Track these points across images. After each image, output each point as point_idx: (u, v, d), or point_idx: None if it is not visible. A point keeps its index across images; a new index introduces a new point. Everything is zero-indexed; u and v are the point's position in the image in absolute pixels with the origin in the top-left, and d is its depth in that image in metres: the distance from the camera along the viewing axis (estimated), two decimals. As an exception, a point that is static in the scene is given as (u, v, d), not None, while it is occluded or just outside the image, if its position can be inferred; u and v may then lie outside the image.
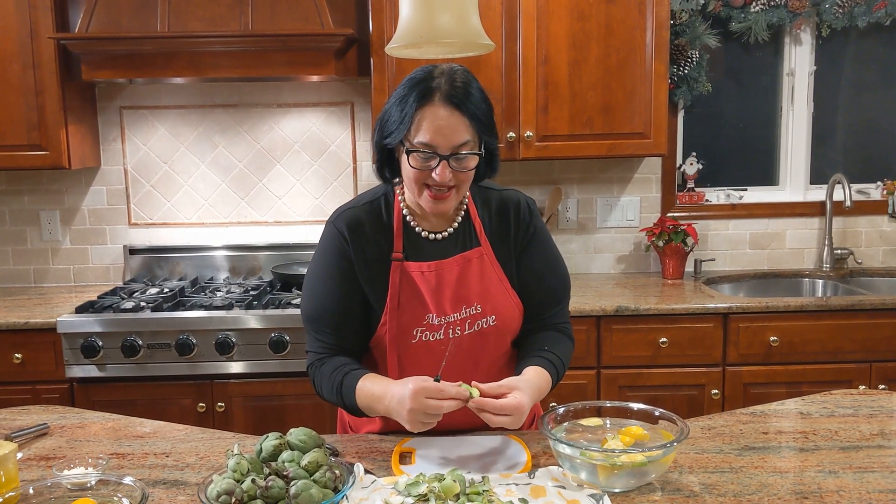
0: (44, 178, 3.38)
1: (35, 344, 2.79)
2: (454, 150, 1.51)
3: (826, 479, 1.43)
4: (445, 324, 1.63)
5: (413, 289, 1.62)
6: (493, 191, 1.73)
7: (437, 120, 1.50)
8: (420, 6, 1.21)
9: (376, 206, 1.68)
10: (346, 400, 1.60)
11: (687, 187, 3.50)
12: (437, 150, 1.51)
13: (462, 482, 1.36)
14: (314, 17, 2.89)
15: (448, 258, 1.65)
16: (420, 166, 1.52)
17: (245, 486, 1.26)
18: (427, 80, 1.52)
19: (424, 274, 1.63)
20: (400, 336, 1.63)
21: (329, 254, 1.66)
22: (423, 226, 1.67)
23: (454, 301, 1.63)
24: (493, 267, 1.67)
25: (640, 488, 1.40)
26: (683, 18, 3.28)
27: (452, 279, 1.63)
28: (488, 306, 1.64)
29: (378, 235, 1.65)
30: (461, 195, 1.60)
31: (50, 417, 1.81)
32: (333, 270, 1.65)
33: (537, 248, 1.71)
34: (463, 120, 1.51)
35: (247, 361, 2.78)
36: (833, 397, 1.85)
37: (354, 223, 1.65)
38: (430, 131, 1.50)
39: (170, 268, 3.37)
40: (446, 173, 1.51)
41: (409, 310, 1.62)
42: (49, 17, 2.94)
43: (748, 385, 2.89)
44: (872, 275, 3.43)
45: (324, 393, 1.66)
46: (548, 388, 1.62)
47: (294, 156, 3.39)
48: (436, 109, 1.50)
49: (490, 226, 1.69)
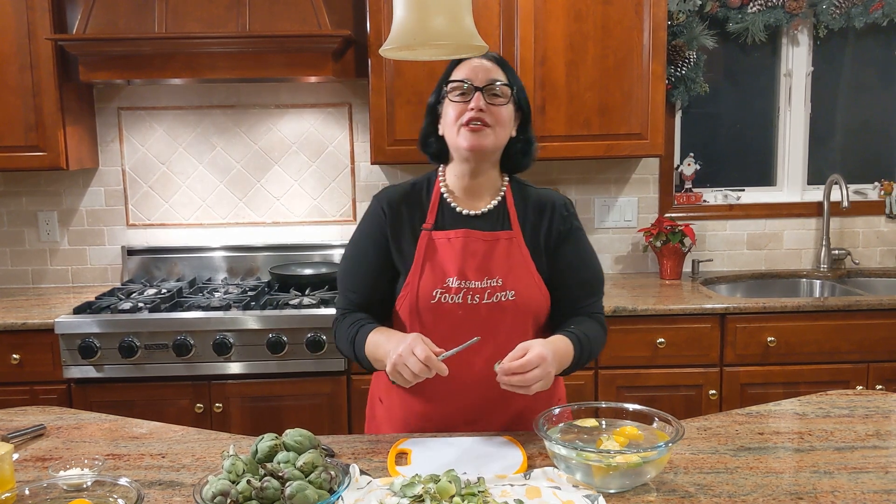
0: (41, 179, 3.38)
1: (33, 345, 2.79)
2: (488, 83, 1.66)
3: (821, 479, 1.43)
4: (465, 288, 1.68)
5: (437, 253, 1.71)
6: (532, 188, 1.82)
7: (472, 63, 1.69)
8: (413, 8, 1.21)
9: (418, 186, 1.80)
10: (358, 351, 1.71)
11: (684, 188, 3.51)
12: (473, 82, 1.66)
13: (457, 483, 1.36)
14: (311, 18, 2.89)
15: (477, 230, 1.72)
16: (457, 99, 1.67)
17: (240, 487, 1.27)
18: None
19: (451, 241, 1.71)
20: (420, 296, 1.69)
21: (366, 224, 1.80)
22: (460, 204, 1.76)
23: (477, 270, 1.69)
24: (520, 251, 1.73)
25: (635, 489, 1.40)
26: (681, 19, 3.28)
27: (479, 251, 1.71)
28: (509, 282, 1.70)
29: (415, 211, 1.76)
30: (498, 139, 1.69)
31: (46, 418, 1.82)
32: (366, 238, 1.78)
33: (573, 243, 1.78)
34: (497, 68, 1.70)
35: (244, 362, 2.78)
36: (829, 398, 1.86)
37: (394, 198, 1.78)
38: (466, 69, 1.68)
39: (168, 268, 3.37)
40: (481, 101, 1.65)
41: (431, 273, 1.70)
42: (46, 18, 2.95)
43: (745, 385, 2.89)
44: (870, 275, 3.43)
45: (341, 345, 1.78)
46: (568, 352, 1.66)
47: (292, 157, 3.39)
48: (472, 60, 1.69)
49: (525, 218, 1.76)
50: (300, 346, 2.77)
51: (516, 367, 1.51)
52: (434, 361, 1.51)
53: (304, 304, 2.88)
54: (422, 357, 1.50)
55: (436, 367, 1.51)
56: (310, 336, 2.76)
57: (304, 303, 2.89)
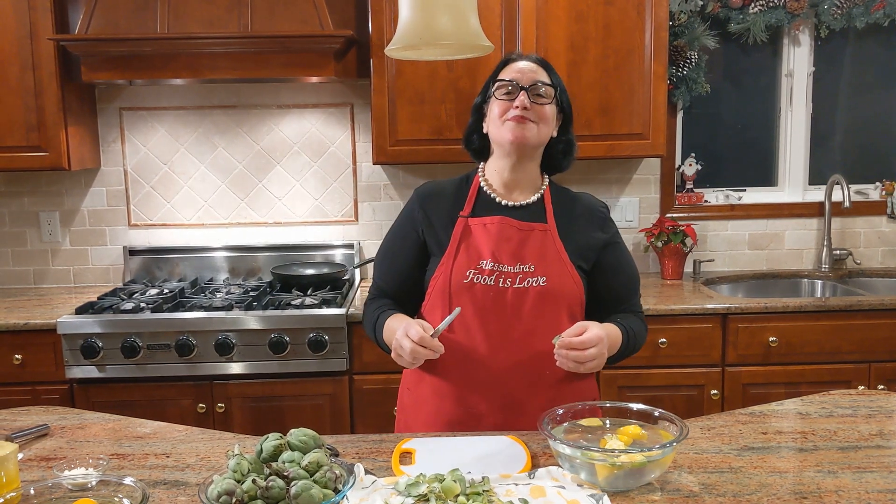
0: (43, 179, 3.38)
1: (35, 345, 2.80)
2: (533, 84, 1.72)
3: (825, 479, 1.43)
4: (498, 272, 1.72)
5: (472, 238, 1.76)
6: (570, 192, 1.88)
7: (518, 65, 1.76)
8: (419, 8, 1.21)
9: (458, 181, 1.87)
10: (378, 335, 1.80)
11: (686, 188, 3.51)
12: (519, 82, 1.72)
13: (462, 482, 1.36)
14: (313, 18, 2.89)
15: (513, 219, 1.76)
16: (503, 97, 1.73)
17: (245, 486, 1.27)
18: (511, 54, 1.82)
19: (486, 226, 1.76)
20: (454, 276, 1.74)
21: (402, 216, 1.88)
22: (499, 195, 1.81)
23: (510, 255, 1.74)
24: (554, 244, 1.76)
25: (639, 488, 1.40)
26: (682, 19, 3.29)
27: (513, 237, 1.75)
28: (541, 269, 1.73)
29: (453, 202, 1.82)
30: (541, 135, 1.74)
31: (50, 418, 1.82)
32: (399, 230, 1.87)
33: (616, 247, 1.85)
34: (542, 70, 1.77)
35: (246, 362, 2.78)
36: (832, 397, 1.86)
37: (432, 191, 1.85)
38: (513, 70, 1.75)
39: (169, 269, 3.37)
40: (526, 99, 1.70)
41: (466, 254, 1.75)
42: (48, 18, 2.95)
43: (747, 385, 2.90)
44: (871, 275, 3.44)
45: (367, 329, 1.87)
46: (618, 341, 1.73)
47: (293, 157, 3.40)
48: (518, 62, 1.78)
49: (561, 216, 1.80)
50: (302, 347, 2.77)
51: (577, 342, 1.57)
52: (428, 341, 1.57)
53: (306, 304, 2.88)
54: (416, 338, 1.57)
55: (431, 346, 1.57)
56: (312, 336, 2.76)
57: (305, 303, 2.89)
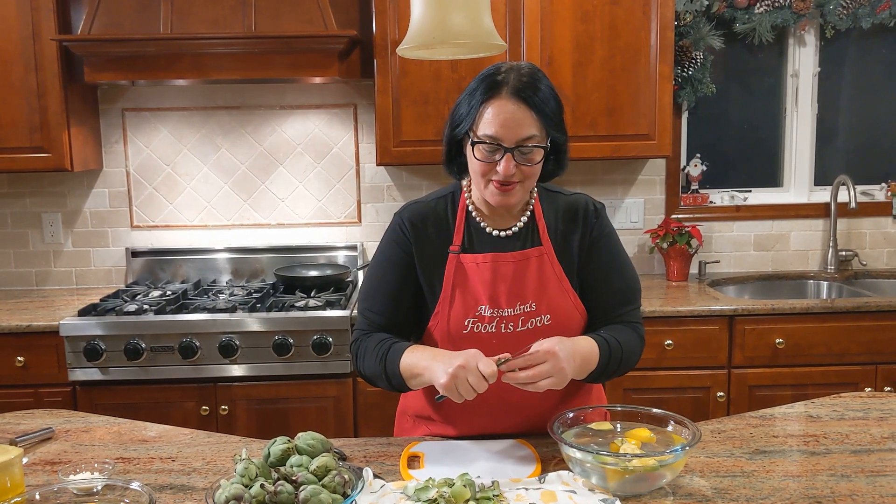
0: (46, 180, 3.37)
1: (37, 347, 2.78)
2: (519, 143, 1.53)
3: (839, 483, 1.42)
4: (499, 317, 1.62)
5: (467, 280, 1.64)
6: (562, 195, 1.74)
7: (502, 113, 1.51)
8: (432, 6, 1.20)
9: (443, 202, 1.71)
10: (389, 368, 1.60)
11: (691, 189, 3.49)
12: (502, 143, 1.52)
13: (472, 487, 1.34)
14: (317, 18, 2.88)
15: (506, 252, 1.65)
16: (485, 158, 1.54)
17: (254, 491, 1.25)
18: (495, 74, 1.55)
19: (479, 265, 1.64)
20: (452, 326, 1.64)
21: (389, 242, 1.71)
22: (488, 223, 1.68)
23: (509, 296, 1.63)
24: (552, 267, 1.65)
25: (651, 492, 1.38)
26: (688, 20, 3.27)
27: (508, 273, 1.63)
28: (543, 305, 1.63)
29: (440, 230, 1.68)
30: (527, 190, 1.61)
31: (54, 421, 1.80)
32: (389, 259, 1.70)
33: (605, 249, 1.70)
34: (529, 114, 1.52)
35: (250, 364, 2.77)
36: (842, 400, 1.84)
37: (418, 218, 1.68)
38: (496, 124, 1.52)
39: (172, 270, 3.35)
40: (510, 166, 1.53)
41: (462, 300, 1.63)
42: (51, 18, 2.93)
43: (754, 387, 2.88)
44: (877, 276, 3.42)
45: (365, 364, 1.67)
46: (591, 354, 1.57)
47: (297, 158, 3.38)
48: (502, 103, 1.52)
49: (555, 229, 1.69)
50: (306, 349, 2.76)
51: (520, 362, 1.46)
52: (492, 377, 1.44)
53: (310, 305, 2.86)
54: (487, 373, 1.43)
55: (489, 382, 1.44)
56: (316, 338, 2.75)
57: (309, 304, 2.87)
